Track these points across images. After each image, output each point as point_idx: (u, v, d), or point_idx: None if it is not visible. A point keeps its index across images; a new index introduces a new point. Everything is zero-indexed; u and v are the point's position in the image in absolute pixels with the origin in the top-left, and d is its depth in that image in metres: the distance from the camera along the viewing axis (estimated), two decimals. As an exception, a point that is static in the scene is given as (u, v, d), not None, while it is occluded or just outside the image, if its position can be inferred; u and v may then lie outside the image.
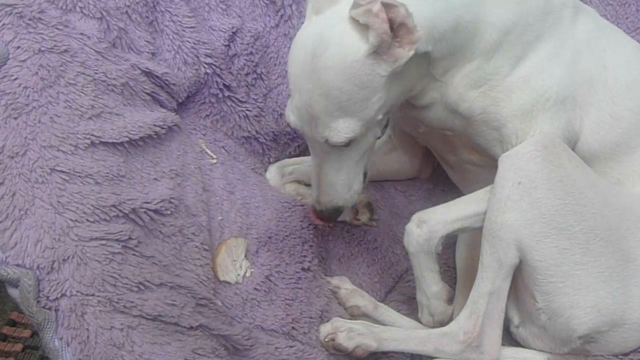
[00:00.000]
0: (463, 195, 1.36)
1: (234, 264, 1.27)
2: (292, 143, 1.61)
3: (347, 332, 1.30)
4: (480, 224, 1.29)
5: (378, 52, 1.11)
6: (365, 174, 1.31)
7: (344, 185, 1.27)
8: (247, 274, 1.28)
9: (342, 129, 1.17)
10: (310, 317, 1.31)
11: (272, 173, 1.52)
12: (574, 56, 1.30)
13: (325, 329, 1.31)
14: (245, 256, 1.30)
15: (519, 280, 1.27)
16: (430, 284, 1.35)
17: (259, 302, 1.26)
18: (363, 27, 1.10)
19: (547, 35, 1.28)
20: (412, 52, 1.12)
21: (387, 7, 1.07)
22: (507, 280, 1.25)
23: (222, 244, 1.28)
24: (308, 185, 1.49)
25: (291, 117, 1.22)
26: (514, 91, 1.27)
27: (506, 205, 1.22)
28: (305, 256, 1.37)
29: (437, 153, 1.52)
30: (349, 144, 1.20)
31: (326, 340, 1.30)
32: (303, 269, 1.35)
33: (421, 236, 1.30)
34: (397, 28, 1.10)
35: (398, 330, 1.35)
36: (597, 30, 1.35)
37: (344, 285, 1.43)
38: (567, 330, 1.24)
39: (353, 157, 1.25)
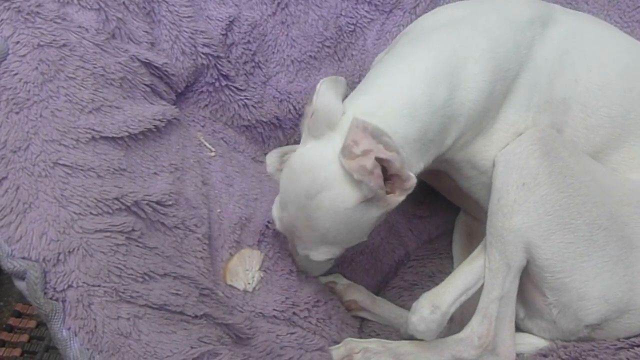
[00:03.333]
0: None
1: (245, 272, 1.34)
2: (296, 129, 1.66)
3: (363, 353, 1.32)
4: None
5: (370, 199, 1.18)
6: None
7: (317, 269, 1.41)
8: (258, 287, 1.34)
9: (323, 254, 1.26)
10: (308, 298, 1.38)
11: (272, 158, 1.58)
12: (548, 80, 1.33)
13: (340, 352, 1.33)
14: (260, 268, 1.37)
15: (527, 281, 1.32)
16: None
17: (258, 291, 1.33)
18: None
19: (522, 69, 1.32)
20: (404, 197, 1.19)
21: (381, 161, 1.13)
22: (516, 282, 1.30)
23: (236, 253, 1.35)
24: None
25: (277, 221, 1.30)
26: (502, 135, 1.32)
27: (513, 210, 1.26)
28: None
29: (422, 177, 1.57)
30: None
31: None
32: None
33: (435, 322, 1.30)
34: (391, 176, 1.16)
35: (412, 343, 1.37)
36: (566, 40, 1.37)
37: (340, 281, 1.49)
38: (576, 321, 1.30)
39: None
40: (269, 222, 1.41)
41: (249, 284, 1.33)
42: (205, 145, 1.47)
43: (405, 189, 1.17)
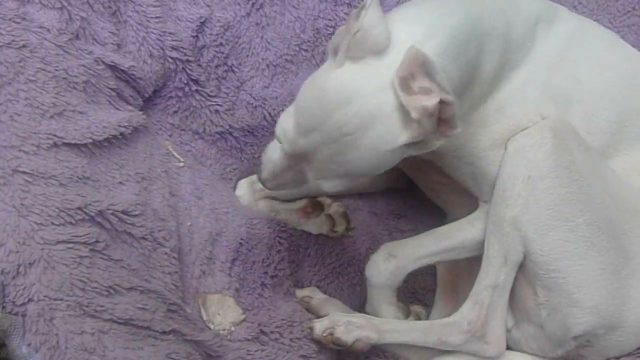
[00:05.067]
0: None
1: (218, 316, 1.34)
2: (270, 137, 1.64)
3: (346, 326, 1.35)
4: (453, 257, 1.39)
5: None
6: None
7: (298, 185, 1.30)
8: (232, 329, 1.33)
9: (337, 185, 1.27)
10: (282, 320, 1.38)
11: (244, 189, 1.57)
12: (548, 75, 1.35)
13: (322, 324, 1.37)
14: (234, 322, 1.34)
15: (520, 277, 1.35)
16: (383, 314, 1.44)
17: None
18: (407, 113, 1.09)
19: (523, 61, 1.33)
20: (440, 142, 1.14)
21: (443, 105, 1.07)
22: (511, 276, 1.33)
23: (200, 299, 1.33)
24: (282, 200, 1.57)
25: (286, 145, 1.20)
26: (491, 122, 1.33)
27: (516, 202, 1.29)
28: (271, 263, 1.46)
29: (405, 170, 1.59)
30: None
31: (324, 335, 1.35)
32: (269, 275, 1.45)
33: (388, 270, 1.39)
34: (440, 120, 1.10)
35: (399, 321, 1.43)
36: (570, 39, 1.39)
37: (316, 295, 1.51)
38: (564, 329, 1.32)
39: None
40: (242, 239, 1.42)
41: (223, 330, 1.32)
42: (173, 155, 1.48)
43: (448, 135, 1.12)
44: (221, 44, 1.58)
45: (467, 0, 1.26)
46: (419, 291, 1.63)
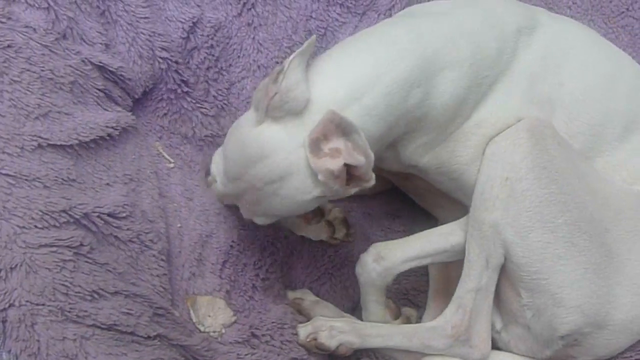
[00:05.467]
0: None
1: (208, 318, 1.33)
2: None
3: (329, 331, 1.36)
4: (442, 260, 1.40)
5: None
6: None
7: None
8: (223, 331, 1.34)
9: (268, 222, 1.32)
10: (272, 322, 1.37)
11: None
12: (531, 83, 1.36)
13: (306, 330, 1.38)
14: (224, 323, 1.35)
15: (503, 279, 1.34)
16: (373, 314, 1.45)
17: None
18: None
19: (502, 74, 1.34)
20: (355, 191, 1.22)
21: (349, 166, 1.17)
22: (494, 279, 1.33)
23: (190, 300, 1.33)
24: None
25: (219, 184, 1.32)
26: (471, 137, 1.34)
27: (494, 205, 1.29)
28: (263, 265, 1.45)
29: (392, 179, 1.60)
30: None
31: (308, 340, 1.36)
32: (260, 278, 1.43)
33: (376, 271, 1.39)
34: (353, 176, 1.19)
35: (382, 325, 1.42)
36: (551, 43, 1.39)
37: (307, 297, 1.50)
38: (550, 329, 1.31)
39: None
40: (233, 241, 1.41)
41: (214, 332, 1.32)
42: (163, 155, 1.47)
43: (363, 186, 1.21)
44: (212, 45, 1.57)
45: (420, 41, 1.28)
46: (411, 292, 1.62)
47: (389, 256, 1.39)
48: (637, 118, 1.42)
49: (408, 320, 1.52)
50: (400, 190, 1.65)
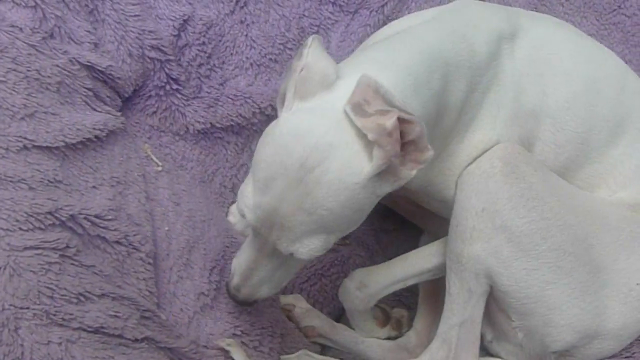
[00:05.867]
0: None
1: None
2: (256, 135, 1.63)
3: None
4: (427, 279, 1.39)
5: (380, 173, 1.07)
6: None
7: (276, 283, 1.24)
8: None
9: (315, 247, 1.11)
10: (262, 328, 1.36)
11: (237, 216, 1.51)
12: (515, 93, 1.33)
13: None
14: None
15: (492, 303, 1.32)
16: (362, 329, 1.48)
17: (205, 320, 1.31)
18: (367, 140, 1.04)
19: (490, 84, 1.31)
20: (415, 172, 1.08)
21: (402, 122, 1.02)
22: (480, 307, 1.30)
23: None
24: None
25: (249, 214, 1.12)
26: (459, 154, 1.30)
27: (472, 237, 1.26)
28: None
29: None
30: None
31: None
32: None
33: (358, 298, 1.39)
34: (406, 144, 1.05)
35: None
36: (534, 50, 1.37)
37: (299, 304, 1.48)
38: (542, 347, 1.31)
39: (302, 263, 1.25)
40: (220, 247, 1.41)
41: None
42: (152, 158, 1.46)
43: (420, 161, 1.06)
44: (204, 42, 1.57)
45: (421, 36, 1.24)
46: (403, 294, 1.60)
47: (371, 283, 1.38)
48: (623, 121, 1.40)
49: (399, 323, 1.52)
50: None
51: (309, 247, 1.10)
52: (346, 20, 1.71)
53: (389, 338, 1.51)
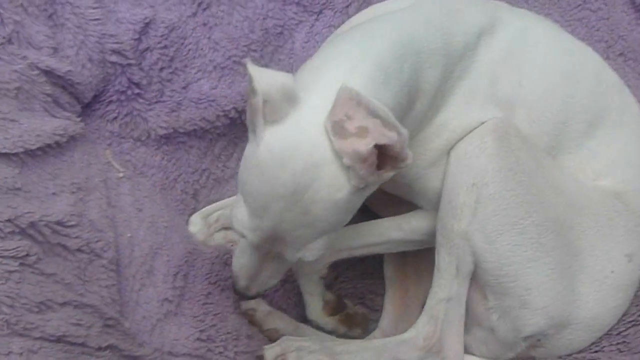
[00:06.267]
0: None
1: None
2: (219, 139, 1.63)
3: (297, 352, 1.33)
4: (374, 252, 1.41)
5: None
6: None
7: (281, 273, 1.27)
8: None
9: (319, 247, 1.16)
10: (227, 332, 1.36)
11: (197, 225, 1.51)
12: (491, 84, 1.34)
13: (274, 351, 1.34)
14: None
15: (470, 283, 1.33)
16: (310, 307, 1.49)
17: (169, 327, 1.31)
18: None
19: (466, 73, 1.32)
20: (394, 173, 1.11)
21: (383, 146, 1.05)
22: (464, 287, 1.32)
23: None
24: None
25: (250, 235, 1.15)
26: (431, 139, 1.31)
27: (462, 212, 1.28)
28: (216, 276, 1.43)
29: None
30: None
31: None
32: (210, 283, 1.42)
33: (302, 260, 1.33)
34: (385, 157, 1.07)
35: (352, 342, 1.40)
36: (512, 42, 1.38)
37: (260, 307, 1.47)
38: (514, 331, 1.32)
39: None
40: (183, 253, 1.40)
41: None
42: (113, 165, 1.45)
43: (400, 167, 1.09)
44: (166, 46, 1.56)
45: (396, 24, 1.24)
46: (367, 296, 1.61)
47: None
48: (601, 113, 1.42)
49: (350, 319, 1.53)
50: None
51: (313, 251, 1.16)
52: (310, 20, 1.71)
53: (335, 333, 1.51)
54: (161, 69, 1.55)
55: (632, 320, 1.40)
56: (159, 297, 1.33)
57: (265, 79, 1.07)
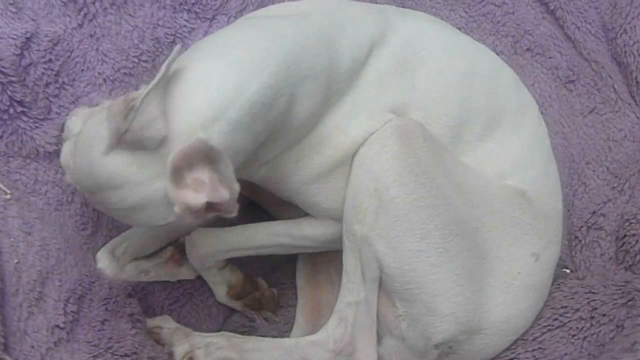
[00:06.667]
0: None
1: None
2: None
3: (205, 348, 1.33)
4: (264, 254, 1.41)
5: None
6: None
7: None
8: None
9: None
10: (125, 355, 1.31)
11: (105, 262, 1.47)
12: (381, 91, 1.32)
13: (182, 348, 1.35)
14: None
15: (379, 289, 1.33)
16: (215, 292, 1.52)
17: (60, 354, 1.26)
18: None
19: (350, 88, 1.30)
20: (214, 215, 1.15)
21: (213, 203, 1.10)
22: (373, 292, 1.31)
23: None
24: (147, 257, 1.52)
25: (67, 177, 1.26)
26: (309, 156, 1.30)
27: (365, 218, 1.27)
28: (113, 297, 1.40)
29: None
30: None
31: None
32: (108, 309, 1.37)
33: (191, 256, 1.43)
34: (212, 206, 1.12)
35: (262, 339, 1.39)
36: (404, 48, 1.36)
37: (166, 325, 1.44)
38: (424, 339, 1.31)
39: None
40: (78, 277, 1.36)
41: None
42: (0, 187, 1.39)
43: (224, 216, 1.14)
44: (50, 60, 1.51)
45: (284, 43, 1.22)
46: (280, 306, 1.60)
47: (204, 245, 1.41)
48: (497, 115, 1.42)
49: (256, 302, 1.55)
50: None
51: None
52: (204, 27, 1.67)
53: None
54: (47, 85, 1.50)
55: (547, 325, 1.40)
56: (49, 325, 1.27)
57: (147, 117, 1.08)
